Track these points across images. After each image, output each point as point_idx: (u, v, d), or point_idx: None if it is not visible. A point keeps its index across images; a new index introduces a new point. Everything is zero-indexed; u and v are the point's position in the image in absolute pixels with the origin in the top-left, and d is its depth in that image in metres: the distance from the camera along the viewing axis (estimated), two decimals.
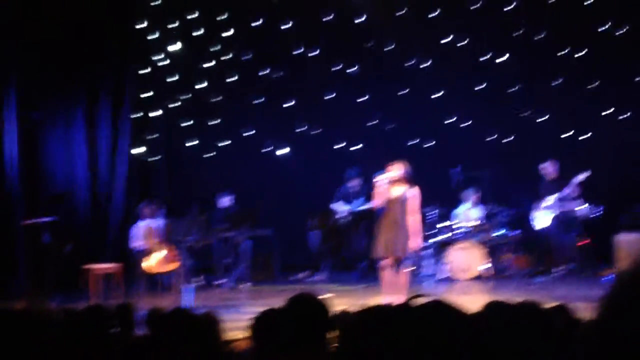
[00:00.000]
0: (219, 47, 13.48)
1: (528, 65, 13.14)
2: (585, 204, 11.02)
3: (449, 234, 11.97)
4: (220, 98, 13.67)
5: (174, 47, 13.18)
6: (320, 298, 3.16)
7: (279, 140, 13.84)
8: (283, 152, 13.81)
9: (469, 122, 13.62)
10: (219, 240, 12.17)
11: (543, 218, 11.72)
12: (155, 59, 13.16)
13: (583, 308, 4.42)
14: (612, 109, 13.16)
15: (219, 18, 13.30)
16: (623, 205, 11.81)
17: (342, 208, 12.53)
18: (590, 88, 13.06)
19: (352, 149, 13.79)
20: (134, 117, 12.87)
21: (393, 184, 8.65)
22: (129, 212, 12.15)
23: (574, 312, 3.99)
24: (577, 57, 13.08)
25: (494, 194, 12.27)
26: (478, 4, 13.13)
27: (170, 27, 13.14)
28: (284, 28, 13.41)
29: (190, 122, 13.62)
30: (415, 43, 13.30)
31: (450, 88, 13.48)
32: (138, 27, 12.86)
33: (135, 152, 13.01)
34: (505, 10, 13.11)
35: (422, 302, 1.98)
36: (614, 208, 11.49)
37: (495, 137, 13.55)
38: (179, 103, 13.50)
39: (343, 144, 13.84)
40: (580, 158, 12.24)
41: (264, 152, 13.80)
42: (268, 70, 13.63)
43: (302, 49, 13.57)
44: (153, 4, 12.88)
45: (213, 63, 13.50)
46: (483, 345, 1.78)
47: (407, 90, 13.64)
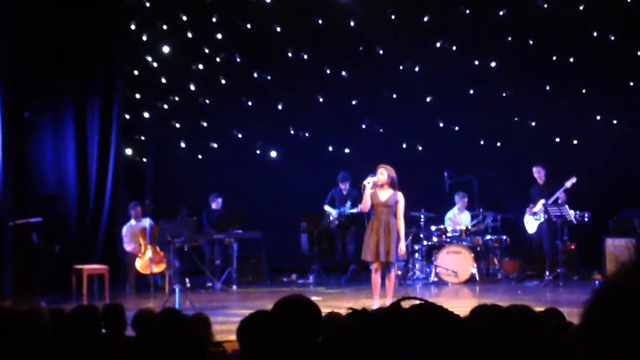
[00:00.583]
0: (210, 49, 13.48)
1: (518, 71, 13.21)
2: (571, 210, 11.07)
3: (439, 238, 11.99)
4: (211, 100, 13.67)
5: (165, 48, 13.16)
6: (310, 300, 3.16)
7: (269, 143, 13.85)
8: (274, 154, 13.83)
9: (459, 126, 13.69)
10: (209, 242, 12.16)
11: (531, 223, 11.78)
12: (146, 60, 13.14)
13: (572, 312, 4.44)
14: (600, 115, 13.25)
15: (210, 20, 13.29)
16: (611, 211, 11.88)
17: (335, 211, 12.56)
18: (580, 94, 13.14)
19: (342, 152, 13.82)
20: (124, 117, 12.84)
21: (381, 188, 8.66)
22: (118, 213, 12.12)
23: (563, 316, 4.01)
24: (566, 63, 13.16)
25: (483, 199, 12.31)
26: (468, 10, 13.19)
27: (161, 28, 13.12)
28: (275, 31, 13.42)
29: (181, 123, 13.60)
30: (406, 48, 13.34)
31: (440, 93, 13.54)
32: (129, 28, 12.83)
33: (126, 152, 12.97)
34: (496, 16, 13.17)
35: (410, 304, 1.99)
36: (602, 213, 11.55)
37: (485, 142, 13.62)
38: (169, 104, 13.48)
39: (333, 147, 13.87)
40: (569, 163, 12.33)
41: (254, 154, 13.80)
42: (258, 73, 13.63)
43: (292, 53, 13.59)
44: (144, 5, 12.85)
45: (204, 65, 13.50)
46: (472, 348, 1.80)
47: (397, 95, 13.69)
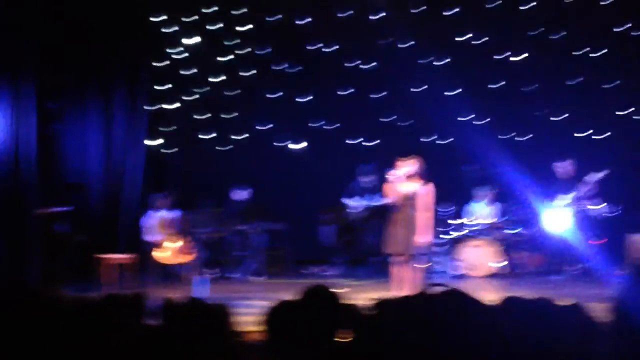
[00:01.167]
0: (236, 41, 13.49)
1: (545, 64, 13.09)
2: (603, 203, 10.95)
3: (463, 231, 11.94)
4: (236, 92, 13.69)
5: (191, 40, 13.20)
6: (335, 291, 3.15)
7: (294, 135, 13.85)
8: (298, 146, 13.82)
9: (485, 120, 13.59)
10: (233, 233, 12.22)
11: (558, 217, 11.65)
12: (172, 52, 13.19)
13: (597, 307, 4.39)
14: (630, 109, 13.09)
15: (236, 12, 13.31)
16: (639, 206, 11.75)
17: (357, 203, 12.52)
18: (608, 87, 12.99)
19: (366, 145, 13.78)
20: (150, 109, 12.91)
21: (406, 180, 8.63)
22: (144, 203, 12.20)
23: (589, 310, 3.96)
24: (594, 56, 13.02)
25: (509, 192, 12.23)
26: (495, 3, 13.08)
27: (187, 20, 13.17)
28: (301, 23, 13.40)
29: (206, 115, 13.64)
30: (432, 40, 13.27)
31: (467, 86, 13.45)
32: (155, 20, 12.89)
33: (151, 144, 13.05)
34: (523, 9, 13.06)
35: (439, 290, 1.98)
36: (631, 208, 11.42)
37: (512, 135, 13.51)
38: (195, 96, 13.52)
39: (358, 140, 13.83)
40: (597, 157, 12.19)
41: (279, 146, 13.80)
42: (284, 65, 13.63)
43: (318, 45, 13.56)
44: None
45: (229, 57, 13.52)
46: (500, 336, 1.78)
47: (423, 88, 13.62)
